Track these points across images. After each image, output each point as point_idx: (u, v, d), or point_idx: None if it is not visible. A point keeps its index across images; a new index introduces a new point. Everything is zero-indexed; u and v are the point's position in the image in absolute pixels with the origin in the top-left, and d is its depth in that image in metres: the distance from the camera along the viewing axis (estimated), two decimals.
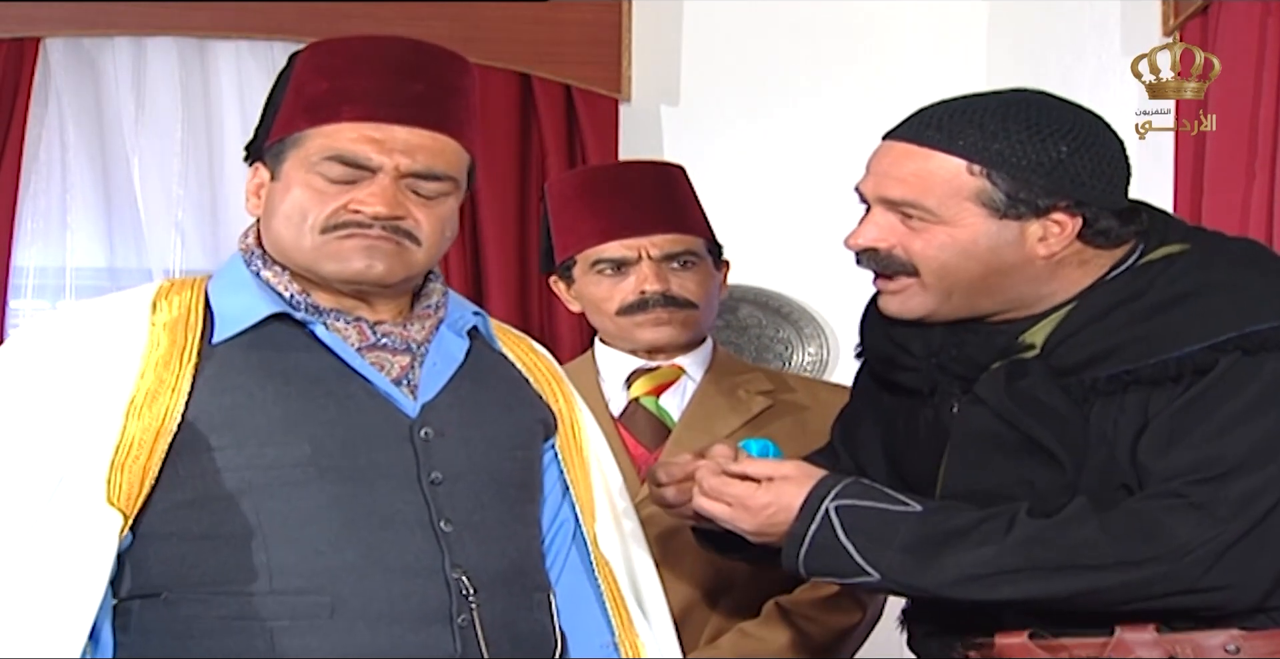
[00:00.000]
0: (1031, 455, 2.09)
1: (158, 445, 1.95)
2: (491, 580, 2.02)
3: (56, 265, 3.93)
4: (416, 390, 2.06)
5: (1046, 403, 2.09)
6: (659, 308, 2.76)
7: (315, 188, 2.01)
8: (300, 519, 1.96)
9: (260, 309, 2.03)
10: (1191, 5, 3.47)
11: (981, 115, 2.11)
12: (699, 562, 2.69)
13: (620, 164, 3.06)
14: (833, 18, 4.13)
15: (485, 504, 2.05)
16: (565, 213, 2.85)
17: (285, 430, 1.98)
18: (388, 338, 2.07)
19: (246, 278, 2.08)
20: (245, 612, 1.95)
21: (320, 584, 1.95)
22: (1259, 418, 2.01)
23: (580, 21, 3.97)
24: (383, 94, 2.02)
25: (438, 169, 2.04)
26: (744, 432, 2.76)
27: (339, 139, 2.01)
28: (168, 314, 2.03)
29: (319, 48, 2.09)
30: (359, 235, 2.01)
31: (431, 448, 2.03)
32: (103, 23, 3.86)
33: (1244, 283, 2.08)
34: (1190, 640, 2.06)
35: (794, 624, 2.67)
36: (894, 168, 2.14)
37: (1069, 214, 2.10)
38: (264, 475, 1.97)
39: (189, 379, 1.98)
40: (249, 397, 1.99)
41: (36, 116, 3.86)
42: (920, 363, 2.22)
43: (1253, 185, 3.25)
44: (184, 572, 1.97)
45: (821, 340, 4.10)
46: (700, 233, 2.84)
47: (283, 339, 2.03)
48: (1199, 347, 2.04)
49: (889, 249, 2.15)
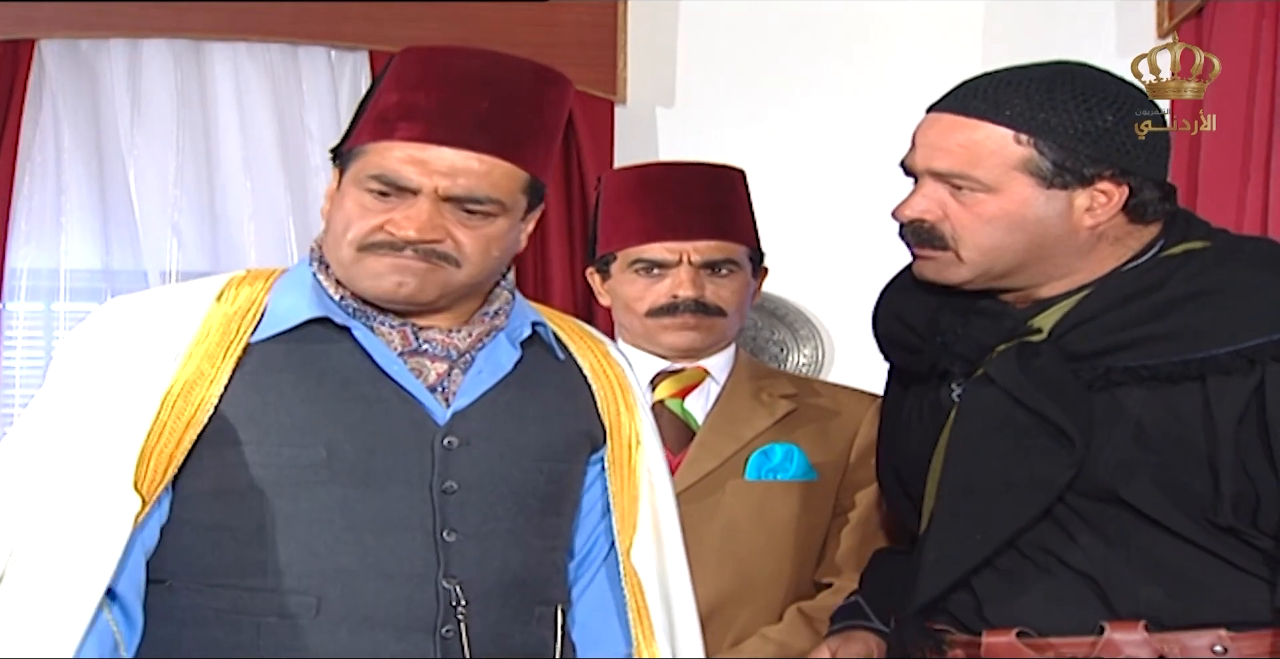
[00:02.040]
0: (1035, 439, 2.10)
1: (187, 434, 1.98)
2: (488, 592, 2.01)
3: (51, 267, 3.92)
4: (451, 398, 2.06)
5: (1059, 384, 2.10)
6: (688, 313, 2.76)
7: (361, 204, 2.02)
8: (305, 520, 1.98)
9: (303, 311, 2.05)
10: (1186, 7, 3.49)
11: (1027, 85, 2.12)
12: (723, 566, 2.70)
13: (678, 165, 3.02)
14: (828, 20, 4.14)
15: (499, 515, 2.04)
16: (615, 208, 2.85)
17: (304, 431, 2.00)
18: (429, 344, 2.07)
19: (306, 277, 2.09)
20: (239, 606, 1.98)
21: (310, 585, 1.97)
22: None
23: (576, 23, 3.97)
24: (440, 112, 2.00)
25: (479, 193, 2.01)
26: (769, 435, 2.77)
27: (387, 158, 2.00)
28: (229, 305, 2.06)
29: (407, 55, 2.08)
30: (391, 255, 2.01)
31: (451, 457, 2.03)
32: (98, 24, 3.85)
33: (1267, 286, 2.09)
34: (1178, 640, 2.07)
35: (817, 630, 2.66)
36: (941, 139, 2.15)
37: (1115, 183, 2.12)
38: (277, 474, 1.99)
39: (229, 372, 2.00)
40: (279, 395, 2.01)
41: (31, 118, 3.86)
42: (924, 343, 2.23)
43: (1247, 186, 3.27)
44: (190, 561, 2.00)
45: (817, 343, 4.11)
46: (744, 240, 2.84)
47: (324, 340, 2.04)
48: (1225, 349, 2.05)
49: (936, 222, 2.16)
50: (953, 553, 2.14)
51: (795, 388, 2.86)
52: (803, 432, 2.77)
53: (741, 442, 2.76)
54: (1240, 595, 2.08)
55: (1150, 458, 2.08)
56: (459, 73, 2.03)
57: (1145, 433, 2.08)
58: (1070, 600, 2.11)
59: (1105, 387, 2.10)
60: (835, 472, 2.77)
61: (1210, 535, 2.08)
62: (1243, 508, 2.06)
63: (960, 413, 2.17)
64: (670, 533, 2.20)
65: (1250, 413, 2.06)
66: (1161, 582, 2.09)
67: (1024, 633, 2.11)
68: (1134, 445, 2.08)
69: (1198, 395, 2.07)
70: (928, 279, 2.21)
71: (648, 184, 2.84)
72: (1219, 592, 2.08)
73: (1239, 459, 2.06)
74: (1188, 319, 2.09)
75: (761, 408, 2.79)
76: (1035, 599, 2.12)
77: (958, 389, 2.19)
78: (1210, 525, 2.07)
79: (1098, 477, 2.08)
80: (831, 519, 2.77)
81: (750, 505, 2.73)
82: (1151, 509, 2.08)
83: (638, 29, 4.01)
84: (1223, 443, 2.06)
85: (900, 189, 2.24)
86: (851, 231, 4.03)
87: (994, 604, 2.13)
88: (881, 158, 4.01)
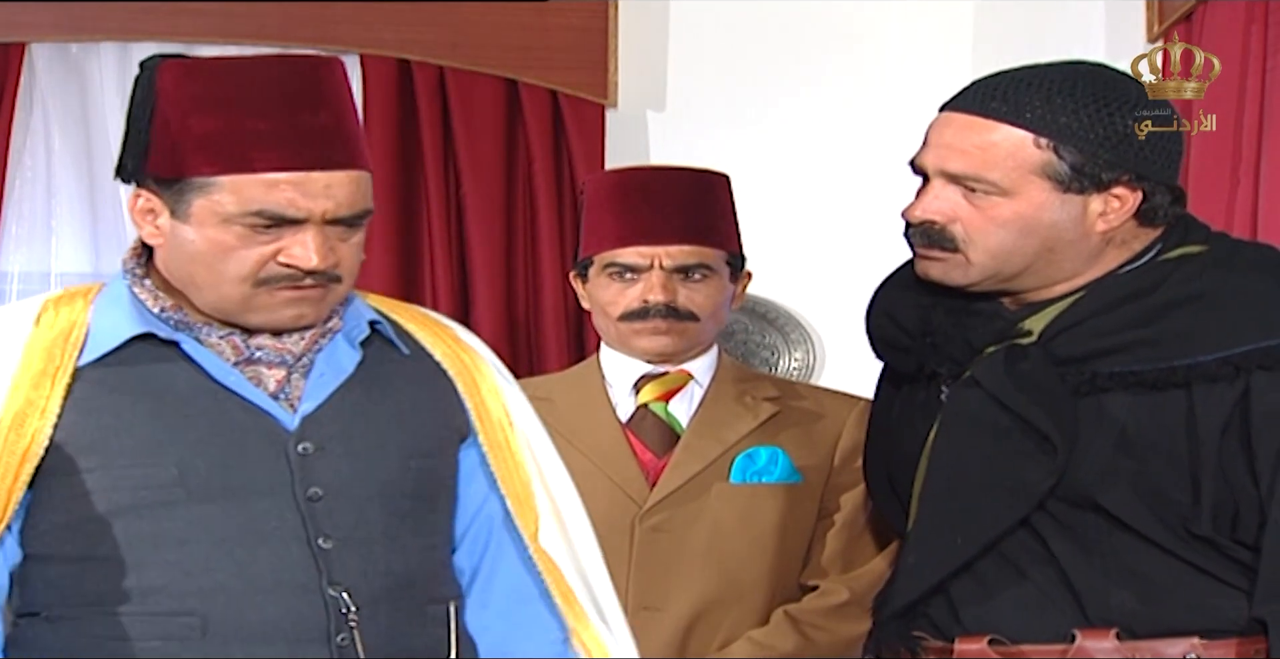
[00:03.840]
0: (1019, 442, 2.09)
1: (24, 467, 1.93)
2: (375, 597, 1.98)
3: (42, 271, 3.91)
4: (296, 403, 2.01)
5: (1045, 388, 2.09)
6: (659, 318, 2.76)
7: (238, 237, 1.95)
8: (170, 540, 1.94)
9: (124, 329, 1.99)
10: (1176, 10, 3.49)
11: (1048, 87, 2.09)
12: (708, 569, 2.71)
13: (659, 169, 3.03)
14: (819, 23, 4.13)
15: (371, 519, 2.00)
16: (594, 212, 2.86)
17: (152, 451, 1.95)
18: (262, 351, 2.02)
19: (123, 294, 2.03)
20: (118, 632, 1.94)
21: (191, 605, 1.94)
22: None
23: (567, 27, 3.96)
24: (288, 136, 1.95)
25: (359, 208, 1.99)
26: (753, 438, 2.77)
27: (255, 191, 1.93)
28: (50, 330, 2.00)
29: (192, 72, 1.99)
30: (290, 287, 1.97)
31: (310, 463, 1.99)
32: (88, 28, 3.84)
33: (1260, 292, 2.08)
34: (1150, 648, 2.07)
35: (803, 633, 2.68)
36: (957, 140, 2.12)
37: (1130, 188, 2.11)
38: (132, 497, 1.94)
39: (59, 400, 1.95)
40: (117, 417, 1.96)
41: (22, 122, 3.84)
42: (914, 343, 2.21)
43: (1237, 190, 3.26)
44: (62, 592, 1.97)
45: (807, 346, 4.10)
46: (722, 245, 2.83)
47: (154, 357, 1.99)
48: (1212, 356, 2.04)
49: (947, 224, 2.13)
50: (932, 556, 2.13)
51: (779, 390, 2.86)
52: (787, 434, 2.77)
53: (726, 445, 2.76)
54: (1214, 604, 2.07)
55: (1131, 465, 2.07)
56: (276, 88, 1.96)
57: (1128, 440, 2.07)
58: (1044, 607, 2.10)
59: (1091, 391, 2.09)
60: (820, 474, 2.77)
61: (1186, 545, 2.07)
62: (1222, 518, 2.06)
63: (945, 415, 2.16)
64: (572, 512, 2.14)
65: (1234, 421, 2.05)
66: (1134, 589, 2.08)
67: (996, 640, 2.10)
68: (1116, 452, 2.07)
69: (1183, 402, 2.06)
70: (932, 280, 2.18)
71: (626, 188, 2.84)
72: (1193, 600, 2.07)
73: (1221, 468, 2.05)
74: (1176, 324, 2.07)
75: (745, 411, 2.79)
76: (1009, 605, 2.11)
77: (946, 390, 2.19)
78: (1187, 534, 2.07)
79: (1078, 482, 2.07)
80: (817, 522, 2.77)
81: (735, 509, 2.74)
82: (1129, 516, 2.07)
83: (628, 33, 4.01)
84: (1206, 452, 2.05)
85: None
86: (842, 235, 4.03)
87: (969, 609, 2.13)
88: (873, 161, 4.04)
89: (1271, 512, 2.03)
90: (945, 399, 2.18)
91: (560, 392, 2.84)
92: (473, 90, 3.89)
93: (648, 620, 2.61)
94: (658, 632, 2.67)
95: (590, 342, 3.79)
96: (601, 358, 2.88)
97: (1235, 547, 2.06)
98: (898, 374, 2.31)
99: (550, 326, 3.86)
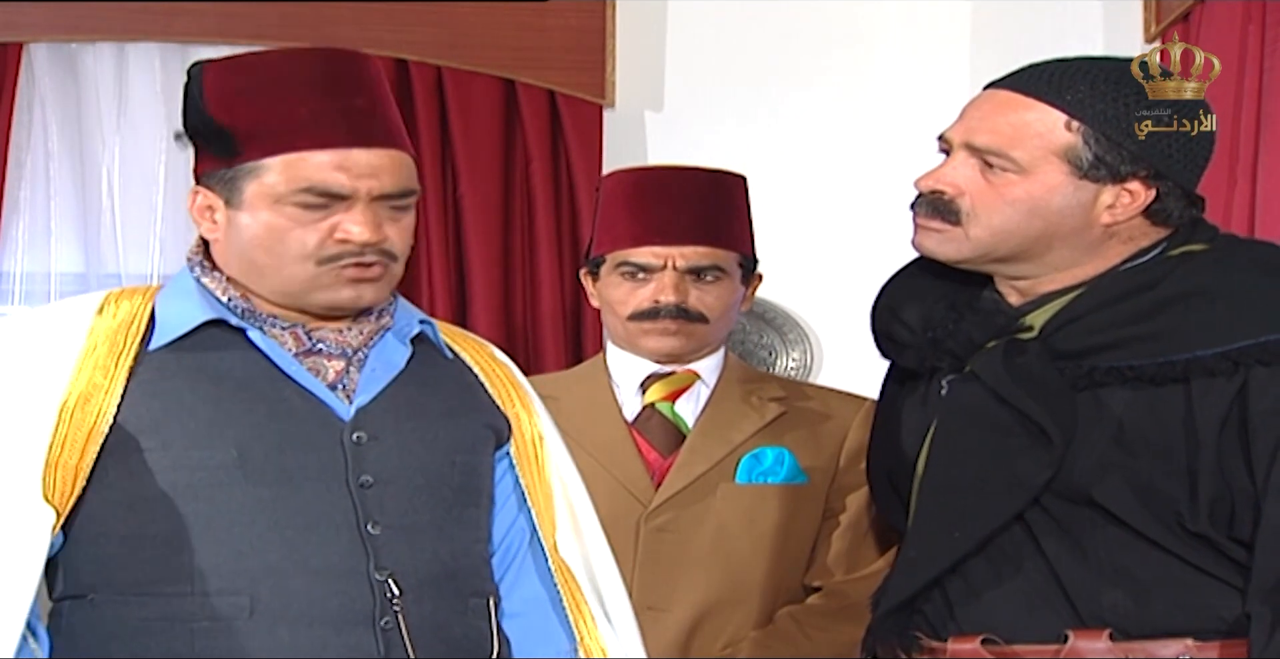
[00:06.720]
0: (1017, 437, 2.09)
1: (89, 446, 1.98)
2: (421, 583, 2.02)
3: (42, 271, 3.91)
4: (352, 395, 2.07)
5: (1042, 382, 2.09)
6: (669, 319, 2.76)
7: (290, 218, 2.02)
8: (224, 521, 1.99)
9: (196, 315, 2.06)
10: (1173, 11, 3.49)
11: (1094, 75, 2.12)
12: (713, 570, 2.71)
13: (677, 169, 3.00)
14: (816, 23, 4.13)
15: (419, 507, 2.05)
16: (609, 210, 2.86)
17: (211, 433, 2.00)
18: (323, 343, 2.08)
19: (190, 285, 2.10)
20: (167, 613, 1.97)
21: (239, 585, 1.97)
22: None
23: (564, 27, 3.96)
24: (330, 116, 2.03)
25: (403, 186, 2.05)
26: (759, 439, 2.77)
27: (303, 169, 2.01)
28: (112, 319, 2.06)
29: (233, 67, 2.08)
30: (354, 265, 2.03)
31: (363, 451, 2.04)
32: (86, 28, 3.84)
33: (1259, 288, 2.09)
34: (1143, 648, 2.07)
35: (806, 634, 2.68)
36: (992, 114, 2.14)
37: (1145, 184, 2.12)
38: (189, 477, 1.99)
39: (122, 382, 2.01)
40: (178, 400, 2.02)
41: (20, 122, 3.84)
42: (916, 339, 2.22)
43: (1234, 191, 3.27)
44: (111, 573, 2.00)
45: (805, 346, 4.10)
46: (735, 247, 2.84)
47: (218, 344, 2.05)
48: (1211, 351, 2.05)
49: (955, 196, 2.15)
50: (930, 552, 2.14)
51: (785, 391, 2.86)
52: (793, 435, 2.77)
53: (732, 445, 2.76)
54: (1208, 604, 2.07)
55: (1127, 460, 2.07)
56: (315, 76, 2.05)
57: (1125, 435, 2.08)
58: (1037, 605, 2.11)
59: (1089, 386, 2.10)
60: (825, 475, 2.78)
61: (1181, 541, 2.07)
62: (1219, 514, 2.06)
63: (944, 410, 2.17)
64: (590, 527, 2.21)
65: (1232, 417, 2.05)
66: (1127, 588, 2.08)
67: (990, 640, 2.11)
68: (1112, 447, 2.08)
69: (1181, 398, 2.07)
70: (925, 252, 2.20)
71: (642, 188, 2.85)
72: (1186, 600, 2.07)
73: (1219, 464, 2.05)
74: (1175, 320, 2.08)
75: (752, 411, 2.80)
76: (1002, 603, 2.12)
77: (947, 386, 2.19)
78: (1182, 531, 2.07)
79: (1073, 477, 2.08)
80: (821, 522, 2.77)
81: (741, 509, 2.74)
82: (1123, 512, 2.07)
83: (626, 33, 4.01)
84: (1204, 447, 2.05)
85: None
86: (840, 235, 4.03)
87: (963, 607, 2.13)
88: (870, 161, 4.05)
89: (1266, 507, 2.03)
90: (944, 394, 2.18)
91: (566, 390, 2.84)
92: (470, 90, 3.89)
93: (652, 621, 2.61)
94: (662, 632, 2.67)
95: (589, 342, 3.80)
96: (608, 357, 2.89)
97: (1231, 544, 2.06)
98: (902, 372, 2.31)
99: (548, 327, 3.86)
